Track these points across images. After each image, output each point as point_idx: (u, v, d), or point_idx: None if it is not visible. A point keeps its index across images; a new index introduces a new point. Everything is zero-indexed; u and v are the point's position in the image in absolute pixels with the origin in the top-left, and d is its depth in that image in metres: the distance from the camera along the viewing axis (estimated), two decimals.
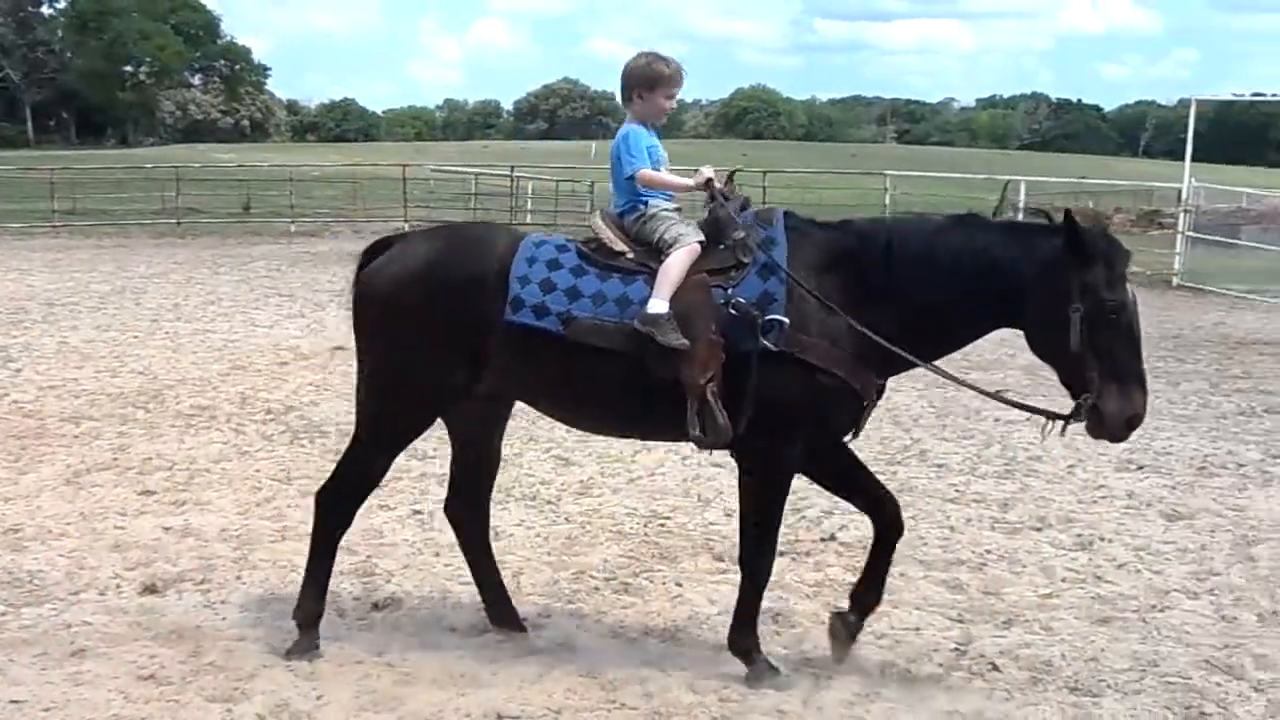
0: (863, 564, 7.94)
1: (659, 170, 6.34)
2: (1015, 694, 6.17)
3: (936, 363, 6.15)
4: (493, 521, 8.56)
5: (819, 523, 8.84)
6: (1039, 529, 8.90)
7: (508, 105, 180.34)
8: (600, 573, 7.71)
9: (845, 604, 6.57)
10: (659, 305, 5.92)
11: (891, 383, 6.44)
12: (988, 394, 6.61)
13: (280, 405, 12.27)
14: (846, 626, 6.44)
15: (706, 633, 6.83)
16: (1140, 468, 10.56)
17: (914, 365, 6.13)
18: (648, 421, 6.32)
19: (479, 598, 6.91)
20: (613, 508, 9.12)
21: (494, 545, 8.10)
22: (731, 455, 6.27)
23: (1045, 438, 6.30)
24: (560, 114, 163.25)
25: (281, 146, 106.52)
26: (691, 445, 6.19)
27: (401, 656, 6.40)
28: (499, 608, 6.80)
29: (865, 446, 10.54)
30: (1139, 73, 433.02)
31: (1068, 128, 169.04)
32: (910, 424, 12.09)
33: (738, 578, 7.62)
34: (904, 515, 8.88)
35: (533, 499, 9.26)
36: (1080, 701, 6.09)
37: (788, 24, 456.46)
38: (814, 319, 5.94)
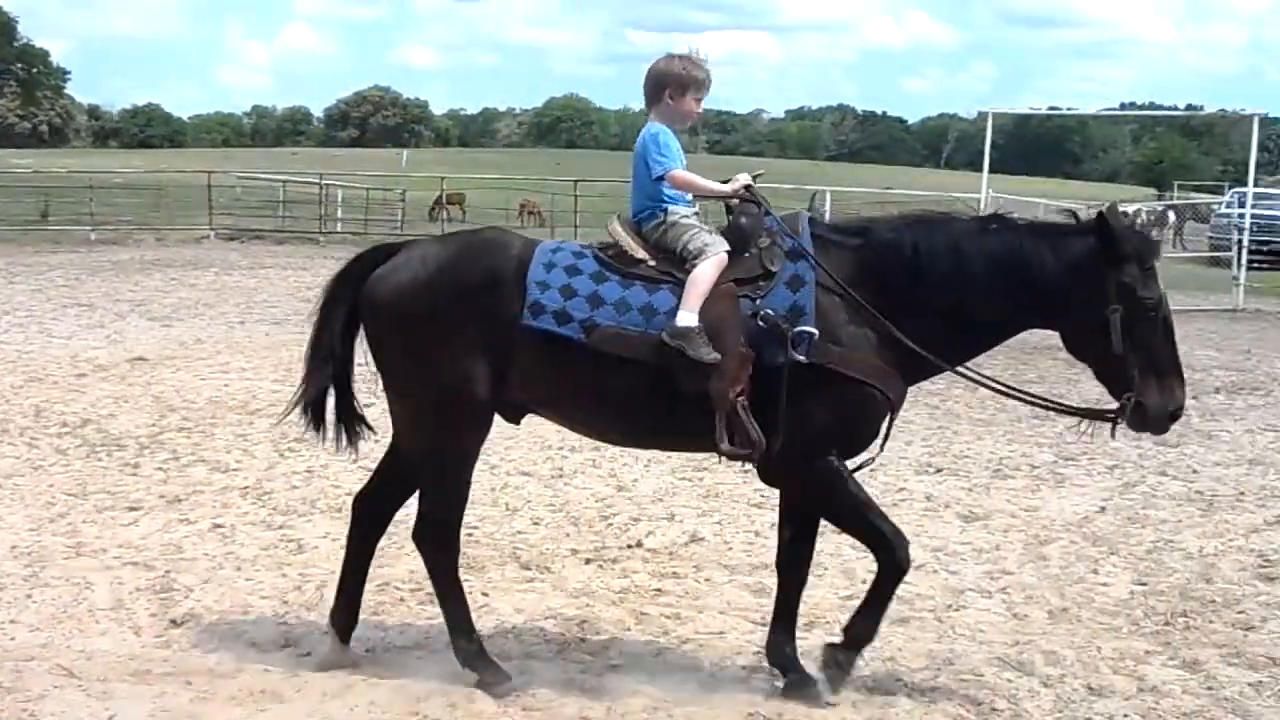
0: (669, 570, 8.08)
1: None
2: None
3: (963, 366, 6.20)
4: (296, 534, 8.53)
5: (626, 529, 8.90)
6: (840, 532, 9.02)
7: (318, 112, 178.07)
8: (406, 584, 7.64)
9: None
10: (688, 318, 5.79)
11: None
12: (1031, 399, 6.61)
13: (77, 418, 11.91)
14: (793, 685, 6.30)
15: (512, 641, 6.81)
16: (939, 470, 10.84)
17: (940, 371, 6.16)
18: (672, 432, 6.18)
19: (335, 601, 6.63)
20: None
21: (298, 559, 8.05)
22: (773, 480, 6.20)
23: (1090, 438, 6.41)
24: (372, 121, 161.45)
25: (82, 152, 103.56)
26: (712, 457, 6.07)
27: (200, 673, 6.26)
28: (348, 612, 6.58)
29: (675, 454, 10.68)
30: (939, 86, 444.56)
31: (873, 139, 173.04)
32: None
33: (544, 585, 7.70)
34: (711, 521, 9.10)
35: (339, 511, 9.10)
36: (877, 700, 6.21)
37: (600, 34, 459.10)
38: (844, 330, 5.90)
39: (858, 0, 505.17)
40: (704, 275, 5.88)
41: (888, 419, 6.09)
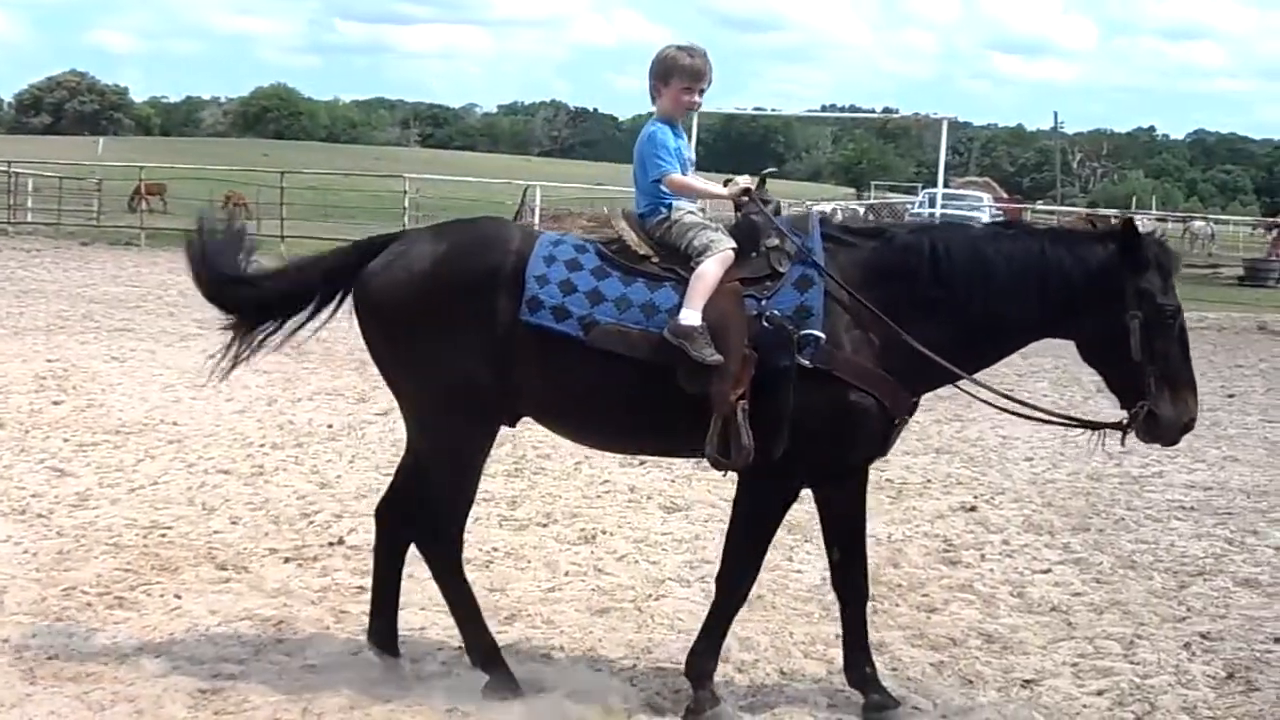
0: (371, 568, 7.96)
1: (688, 174, 6.05)
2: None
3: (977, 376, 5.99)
4: None
5: (327, 527, 8.75)
6: (545, 525, 9.12)
7: (7, 97, 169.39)
8: (93, 587, 7.34)
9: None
10: (692, 316, 5.60)
11: None
12: (1041, 414, 6.41)
13: None
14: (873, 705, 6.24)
15: (205, 644, 6.61)
16: (643, 463, 10.99)
17: (951, 381, 5.98)
18: (669, 436, 5.96)
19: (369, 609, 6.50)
20: (110, 519, 8.69)
21: None
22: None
23: (1103, 448, 6.21)
24: (67, 108, 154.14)
25: None
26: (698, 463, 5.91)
27: None
28: (384, 628, 6.43)
29: (380, 450, 10.60)
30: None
31: (585, 135, 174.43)
32: None
33: (240, 585, 7.51)
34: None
35: (22, 513, 8.71)
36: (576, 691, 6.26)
37: (306, 23, 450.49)
38: (850, 334, 5.73)
39: None
40: (709, 272, 5.73)
41: (894, 427, 6.00)
